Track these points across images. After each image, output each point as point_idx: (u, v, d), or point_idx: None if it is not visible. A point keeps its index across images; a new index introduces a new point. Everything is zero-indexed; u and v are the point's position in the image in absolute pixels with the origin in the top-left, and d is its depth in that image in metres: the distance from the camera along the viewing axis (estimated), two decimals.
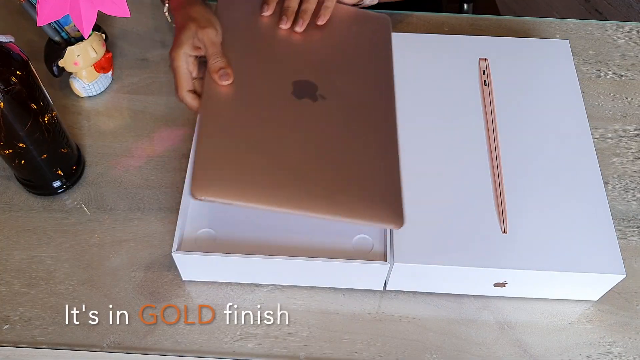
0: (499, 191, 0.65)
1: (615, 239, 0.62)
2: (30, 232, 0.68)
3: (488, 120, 0.71)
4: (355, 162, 0.62)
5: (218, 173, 0.57)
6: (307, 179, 0.59)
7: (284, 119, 0.63)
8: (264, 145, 0.60)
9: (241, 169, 0.58)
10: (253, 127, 0.61)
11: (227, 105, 0.62)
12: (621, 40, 0.88)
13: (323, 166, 0.60)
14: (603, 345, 0.63)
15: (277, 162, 0.59)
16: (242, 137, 0.60)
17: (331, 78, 0.67)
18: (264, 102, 0.63)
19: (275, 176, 0.58)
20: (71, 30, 0.74)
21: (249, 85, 0.64)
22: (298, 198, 0.58)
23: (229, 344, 0.62)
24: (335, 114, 0.64)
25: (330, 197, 0.59)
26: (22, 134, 0.62)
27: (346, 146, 0.63)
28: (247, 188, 0.57)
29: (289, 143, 0.61)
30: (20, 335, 0.62)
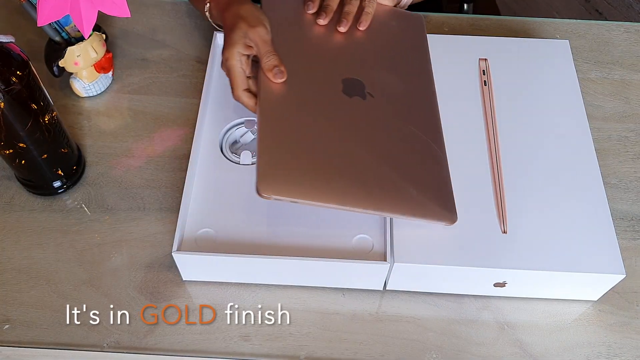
0: (498, 191, 0.65)
1: (615, 239, 0.62)
2: (30, 232, 0.68)
3: (488, 120, 0.71)
4: (408, 159, 0.63)
5: (282, 171, 0.58)
6: (366, 176, 0.60)
7: (338, 116, 0.63)
8: (322, 143, 0.61)
9: (304, 167, 0.58)
10: (310, 125, 0.62)
11: (284, 103, 0.63)
12: (621, 40, 0.88)
13: (379, 164, 0.61)
14: (603, 345, 0.63)
15: (336, 160, 0.60)
16: (300, 135, 0.61)
17: (376, 76, 0.68)
18: (318, 100, 0.64)
19: (336, 174, 0.59)
20: (71, 30, 0.74)
21: (302, 82, 0.65)
22: (359, 196, 0.58)
23: (229, 344, 0.62)
24: (385, 112, 0.65)
25: (388, 195, 0.59)
26: (23, 134, 0.62)
27: (397, 144, 0.63)
28: (310, 186, 0.57)
29: (345, 141, 0.61)
30: (21, 335, 0.62)
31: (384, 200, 0.59)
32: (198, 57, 0.84)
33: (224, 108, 0.73)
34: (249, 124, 0.72)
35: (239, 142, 0.73)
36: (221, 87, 0.75)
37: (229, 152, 0.71)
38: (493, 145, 0.69)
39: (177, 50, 0.84)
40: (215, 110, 0.73)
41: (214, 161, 0.69)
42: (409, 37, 0.75)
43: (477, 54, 0.77)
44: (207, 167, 0.69)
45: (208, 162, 0.69)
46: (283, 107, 0.62)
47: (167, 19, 0.88)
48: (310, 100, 0.64)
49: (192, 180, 0.67)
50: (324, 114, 0.63)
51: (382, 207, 0.59)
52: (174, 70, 0.82)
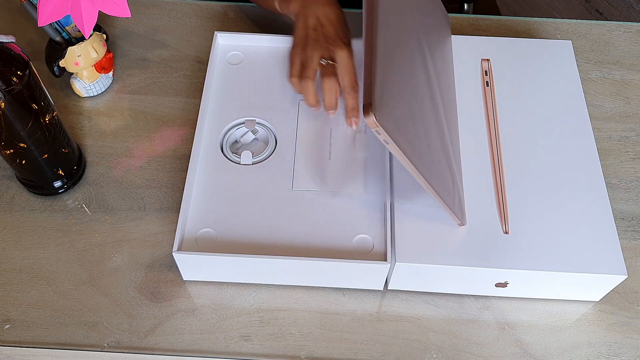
0: (500, 191, 0.65)
1: (617, 239, 0.62)
2: (31, 232, 0.68)
3: (490, 121, 0.71)
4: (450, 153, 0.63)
5: (396, 106, 0.53)
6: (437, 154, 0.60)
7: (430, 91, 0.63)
8: (423, 107, 0.60)
9: (409, 116, 0.56)
10: (416, 87, 0.60)
11: (396, 47, 0.58)
12: (621, 41, 0.88)
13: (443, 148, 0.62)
14: (603, 345, 0.63)
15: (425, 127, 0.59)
16: (410, 88, 0.58)
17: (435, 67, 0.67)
18: (417, 69, 0.61)
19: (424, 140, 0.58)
20: (72, 30, 0.74)
21: (408, 49, 0.61)
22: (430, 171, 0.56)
23: (229, 344, 0.62)
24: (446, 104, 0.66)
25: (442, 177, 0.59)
26: (23, 134, 0.62)
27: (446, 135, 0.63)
28: (407, 139, 0.53)
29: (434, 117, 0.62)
30: (22, 335, 0.62)
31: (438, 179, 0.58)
32: (198, 57, 0.84)
33: (225, 108, 0.73)
34: (249, 124, 0.72)
35: (240, 142, 0.73)
36: (221, 87, 0.75)
37: (230, 152, 0.71)
38: (495, 145, 0.69)
39: (178, 50, 0.84)
40: (215, 110, 0.73)
41: (215, 161, 0.69)
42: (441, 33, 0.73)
43: (479, 55, 0.77)
44: (208, 167, 0.69)
45: (208, 162, 0.69)
46: (396, 48, 0.58)
47: (167, 19, 0.88)
48: (411, 63, 0.60)
49: (192, 180, 0.67)
50: (423, 84, 0.61)
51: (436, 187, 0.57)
52: (175, 70, 0.82)
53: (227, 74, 0.77)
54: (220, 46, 0.79)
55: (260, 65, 0.77)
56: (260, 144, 0.72)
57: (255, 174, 0.68)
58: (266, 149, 0.71)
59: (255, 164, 0.69)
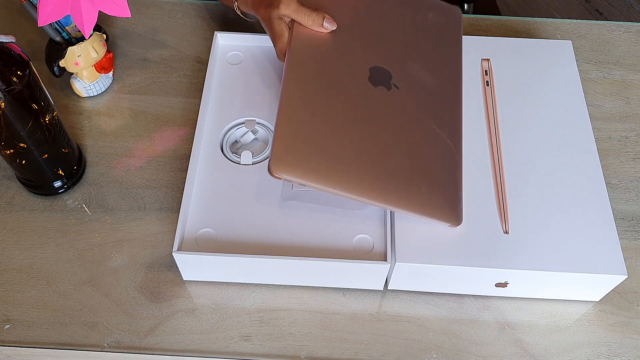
0: (500, 191, 0.65)
1: (617, 239, 0.62)
2: (31, 232, 0.68)
3: (490, 121, 0.71)
4: (422, 155, 0.63)
5: (296, 153, 0.58)
6: (378, 168, 0.60)
7: (360, 105, 0.63)
8: (342, 130, 0.61)
9: (319, 151, 0.59)
10: (331, 109, 0.62)
11: (307, 84, 0.63)
12: (621, 41, 0.88)
13: (393, 157, 0.61)
14: (603, 345, 0.63)
15: (352, 148, 0.60)
16: (319, 118, 0.61)
17: (404, 67, 0.67)
18: (343, 86, 0.64)
19: (350, 162, 0.59)
20: (72, 30, 0.74)
21: (328, 66, 0.65)
22: (368, 187, 0.59)
23: (229, 344, 0.62)
24: (407, 105, 0.65)
25: (396, 189, 0.60)
26: (23, 134, 0.62)
27: (414, 138, 0.63)
28: (323, 171, 0.58)
29: (364, 130, 0.61)
30: (22, 335, 0.62)
31: (390, 193, 0.59)
32: (198, 57, 0.84)
33: (225, 108, 0.73)
34: (249, 124, 0.72)
35: (239, 142, 0.73)
36: (221, 87, 0.75)
37: (230, 152, 0.71)
38: (495, 145, 0.69)
39: (178, 50, 0.84)
40: (215, 110, 0.73)
41: (215, 161, 0.69)
42: (443, 29, 0.74)
43: (479, 55, 0.77)
44: (208, 167, 0.69)
45: (208, 162, 0.69)
46: (306, 88, 0.63)
47: (167, 19, 0.88)
48: (335, 85, 0.63)
49: (192, 180, 0.67)
50: (346, 100, 0.63)
51: (388, 200, 0.59)
52: (175, 70, 0.82)
53: (227, 74, 0.77)
54: (220, 46, 0.79)
55: (260, 65, 0.77)
56: (260, 144, 0.72)
57: (255, 174, 0.68)
58: (266, 149, 0.71)
59: (255, 164, 0.69)
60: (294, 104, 0.61)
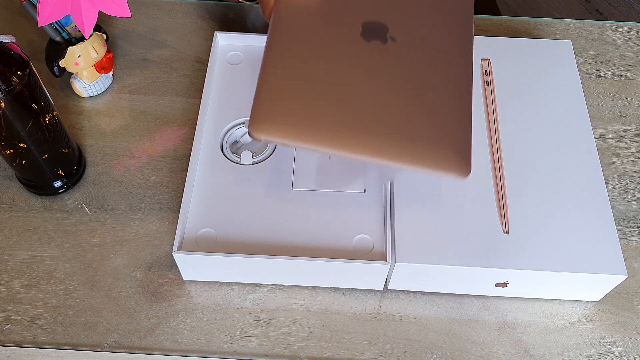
0: (500, 191, 0.65)
1: (617, 239, 0.62)
2: (31, 232, 0.68)
3: (490, 120, 0.71)
4: (424, 107, 0.58)
5: (278, 112, 0.55)
6: (371, 122, 0.56)
7: (351, 60, 0.59)
8: (329, 86, 0.57)
9: (303, 108, 0.55)
10: (318, 67, 0.58)
11: (294, 43, 0.60)
12: (621, 41, 0.88)
13: (389, 110, 0.57)
14: (603, 345, 0.63)
15: (340, 104, 0.56)
16: (306, 76, 0.57)
17: (403, 19, 0.63)
18: (331, 42, 0.60)
19: (338, 118, 0.55)
20: (72, 30, 0.74)
21: (317, 23, 0.61)
22: (359, 141, 0.55)
23: (229, 344, 0.62)
24: (405, 57, 0.61)
25: (392, 142, 0.55)
26: (23, 134, 0.62)
27: (415, 90, 0.59)
28: (307, 128, 0.54)
29: (355, 84, 0.58)
30: (21, 335, 0.62)
31: (384, 146, 0.55)
32: (198, 57, 0.84)
33: (225, 108, 0.73)
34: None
35: (240, 142, 0.73)
36: (221, 87, 0.75)
37: (230, 152, 0.71)
38: (495, 145, 0.69)
39: (178, 50, 0.84)
40: (215, 110, 0.73)
41: (215, 161, 0.69)
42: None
43: (479, 54, 0.77)
44: (208, 167, 0.69)
45: (208, 162, 0.69)
46: (291, 45, 0.59)
47: (167, 19, 0.88)
48: (323, 42, 0.60)
49: (192, 180, 0.67)
50: (335, 56, 0.59)
51: (381, 153, 0.55)
52: (175, 70, 0.82)
53: (227, 74, 0.77)
54: (220, 46, 0.79)
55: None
56: (260, 144, 0.72)
57: (255, 174, 0.68)
58: (266, 149, 0.71)
59: (255, 164, 0.69)
60: (276, 62, 0.57)
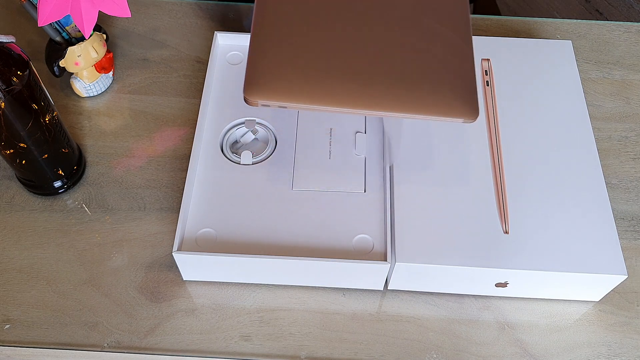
0: (500, 191, 0.65)
1: (617, 239, 0.62)
2: (31, 232, 0.68)
3: (490, 121, 0.71)
4: (424, 55, 0.57)
5: (272, 74, 0.53)
6: (370, 74, 0.54)
7: (344, 16, 0.58)
8: (321, 44, 0.55)
9: (297, 68, 0.54)
10: (310, 26, 0.57)
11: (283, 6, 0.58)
12: (621, 41, 0.88)
13: (387, 61, 0.56)
14: (603, 345, 0.63)
15: (335, 60, 0.55)
16: (297, 37, 0.56)
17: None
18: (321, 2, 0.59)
19: (334, 74, 0.54)
20: (72, 30, 0.74)
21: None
22: (358, 95, 0.53)
23: (229, 344, 0.62)
24: (401, 8, 0.60)
25: (394, 92, 0.54)
26: (23, 134, 0.62)
27: (412, 38, 0.58)
28: (304, 88, 0.53)
29: (349, 39, 0.56)
30: (22, 335, 0.62)
31: (388, 97, 0.54)
32: (198, 57, 0.84)
33: (225, 108, 0.73)
34: (249, 124, 0.72)
35: (239, 142, 0.73)
36: (221, 87, 0.75)
37: (229, 152, 0.71)
38: (495, 145, 0.69)
39: (178, 50, 0.84)
40: (215, 110, 0.73)
41: (215, 161, 0.69)
42: None
43: (479, 55, 0.77)
44: (208, 167, 0.69)
45: (208, 162, 0.69)
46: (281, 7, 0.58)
47: (167, 19, 0.88)
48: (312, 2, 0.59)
49: (192, 180, 0.67)
50: (327, 14, 0.58)
51: (384, 105, 0.53)
52: (175, 70, 0.82)
53: (227, 74, 0.77)
54: (220, 46, 0.79)
55: None
56: (260, 144, 0.72)
57: (255, 174, 0.68)
58: (266, 149, 0.71)
59: (255, 164, 0.69)
60: (267, 25, 0.56)
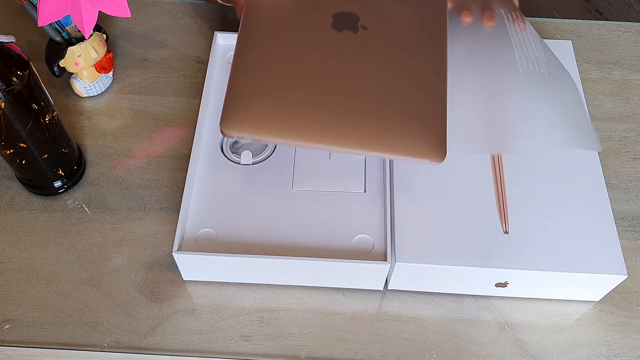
0: (500, 191, 0.65)
1: (617, 239, 0.62)
2: (31, 232, 0.68)
3: None
4: (396, 94, 0.58)
5: (247, 108, 0.54)
6: (345, 112, 0.56)
7: (322, 51, 0.59)
8: (298, 79, 0.57)
9: (273, 102, 0.55)
10: (289, 60, 0.58)
11: (264, 38, 0.60)
12: (621, 41, 0.88)
13: (362, 99, 0.57)
14: (603, 345, 0.63)
15: (311, 95, 0.56)
16: (275, 71, 0.57)
17: (375, 8, 0.63)
18: (302, 35, 0.60)
19: (311, 109, 0.55)
20: (72, 30, 0.74)
21: (287, 17, 0.62)
22: (334, 132, 0.54)
23: (229, 344, 0.62)
24: (377, 45, 0.61)
25: (366, 131, 0.55)
26: (23, 134, 0.62)
27: (388, 78, 0.59)
28: (278, 122, 0.54)
29: (326, 75, 0.58)
30: (22, 335, 0.62)
31: (356, 135, 0.55)
32: (198, 57, 0.84)
33: None
34: None
35: (240, 142, 0.73)
36: (221, 87, 0.75)
37: (230, 152, 0.71)
38: None
39: (178, 50, 0.84)
40: (215, 110, 0.73)
41: (215, 161, 0.69)
42: None
43: None
44: (208, 167, 0.69)
45: (208, 162, 0.69)
46: (262, 40, 0.59)
47: (167, 19, 0.88)
48: (293, 35, 0.60)
49: (192, 180, 0.67)
50: (306, 48, 0.59)
51: (353, 143, 0.55)
52: (175, 70, 0.82)
53: (227, 74, 0.76)
54: (220, 46, 0.79)
55: None
56: (260, 144, 0.72)
57: (255, 174, 0.68)
58: (266, 149, 0.71)
59: (255, 164, 0.69)
60: (246, 57, 0.57)
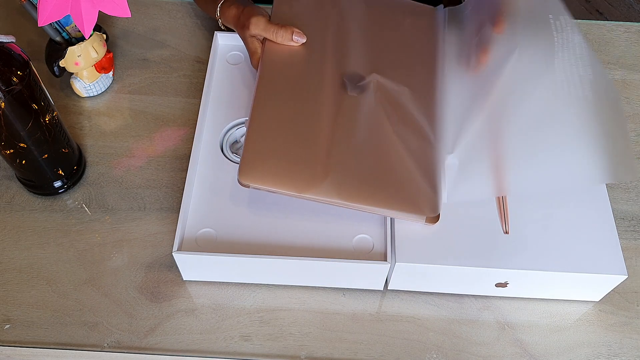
0: None
1: (617, 240, 0.62)
2: (31, 232, 0.68)
3: None
4: (396, 156, 0.64)
5: (264, 161, 0.60)
6: (348, 171, 0.61)
7: (331, 111, 0.65)
8: (310, 137, 0.63)
9: (287, 158, 0.61)
10: (300, 119, 0.64)
11: (278, 96, 0.65)
12: (621, 41, 0.88)
13: (364, 160, 0.62)
14: (603, 345, 0.63)
15: (320, 153, 0.62)
16: (290, 127, 0.63)
17: (378, 71, 0.69)
18: (313, 95, 0.66)
19: (318, 167, 0.61)
20: (72, 30, 0.74)
21: (300, 77, 0.67)
22: (338, 190, 0.60)
23: (229, 344, 0.62)
24: (381, 108, 0.66)
25: (367, 190, 0.61)
26: (23, 134, 0.62)
27: (385, 138, 0.64)
28: (290, 177, 0.60)
29: (334, 134, 0.63)
30: (22, 335, 0.62)
31: (356, 193, 0.60)
32: (198, 57, 0.84)
33: (224, 108, 0.73)
34: None
35: (239, 142, 0.73)
36: (221, 87, 0.75)
37: (229, 152, 0.71)
38: None
39: (178, 50, 0.84)
40: (215, 110, 0.73)
41: (214, 161, 0.69)
42: (421, 31, 0.75)
43: None
44: (208, 167, 0.69)
45: (208, 162, 0.69)
46: (276, 99, 0.64)
47: (167, 19, 0.88)
48: (305, 95, 0.65)
49: (192, 180, 0.67)
50: (317, 108, 0.65)
51: (353, 200, 0.60)
52: (175, 70, 0.82)
53: (227, 74, 0.77)
54: (220, 46, 0.79)
55: None
56: None
57: None
58: None
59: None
60: (263, 116, 0.63)
